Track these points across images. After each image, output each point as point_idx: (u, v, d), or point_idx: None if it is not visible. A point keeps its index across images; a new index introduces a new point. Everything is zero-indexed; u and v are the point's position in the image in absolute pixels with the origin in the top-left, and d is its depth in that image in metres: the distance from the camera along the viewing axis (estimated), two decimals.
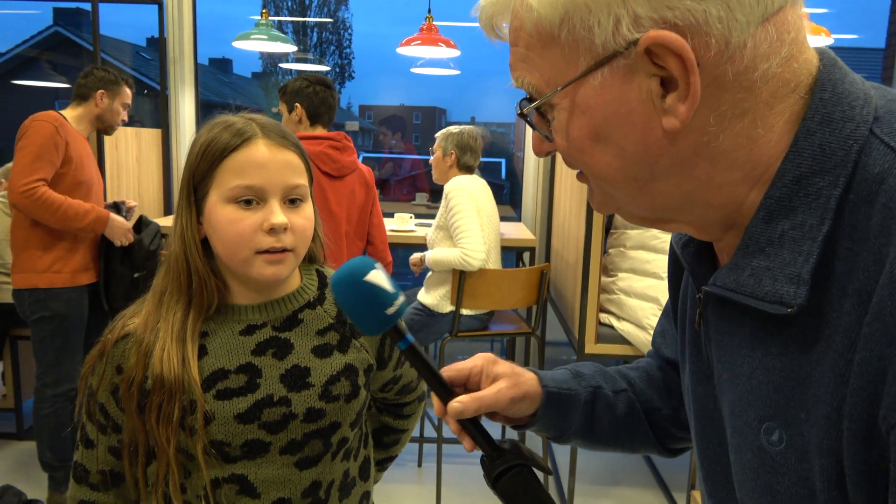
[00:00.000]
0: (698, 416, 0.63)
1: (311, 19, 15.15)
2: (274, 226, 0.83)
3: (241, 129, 0.85)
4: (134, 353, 0.86)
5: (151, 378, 0.84)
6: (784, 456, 0.49)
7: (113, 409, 0.88)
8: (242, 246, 0.84)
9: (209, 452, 0.85)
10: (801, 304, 0.46)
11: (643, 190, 0.53)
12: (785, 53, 0.48)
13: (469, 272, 2.54)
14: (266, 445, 0.87)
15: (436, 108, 21.72)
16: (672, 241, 0.66)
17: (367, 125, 17.95)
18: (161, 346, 0.84)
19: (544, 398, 0.74)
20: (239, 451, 0.86)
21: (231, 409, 0.85)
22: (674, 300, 0.72)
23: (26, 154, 2.28)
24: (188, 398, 0.84)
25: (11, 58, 12.72)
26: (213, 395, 0.85)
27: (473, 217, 2.58)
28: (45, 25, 12.53)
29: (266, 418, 0.86)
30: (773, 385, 0.49)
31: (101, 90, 2.49)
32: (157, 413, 0.83)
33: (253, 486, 0.87)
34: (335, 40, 16.76)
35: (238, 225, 0.83)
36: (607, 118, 0.50)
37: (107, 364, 0.88)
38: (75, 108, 2.49)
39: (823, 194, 0.47)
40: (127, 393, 0.85)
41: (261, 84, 17.36)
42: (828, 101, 0.48)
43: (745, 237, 0.50)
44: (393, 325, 0.68)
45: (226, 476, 0.87)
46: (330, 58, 16.49)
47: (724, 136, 0.49)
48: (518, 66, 0.53)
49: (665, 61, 0.46)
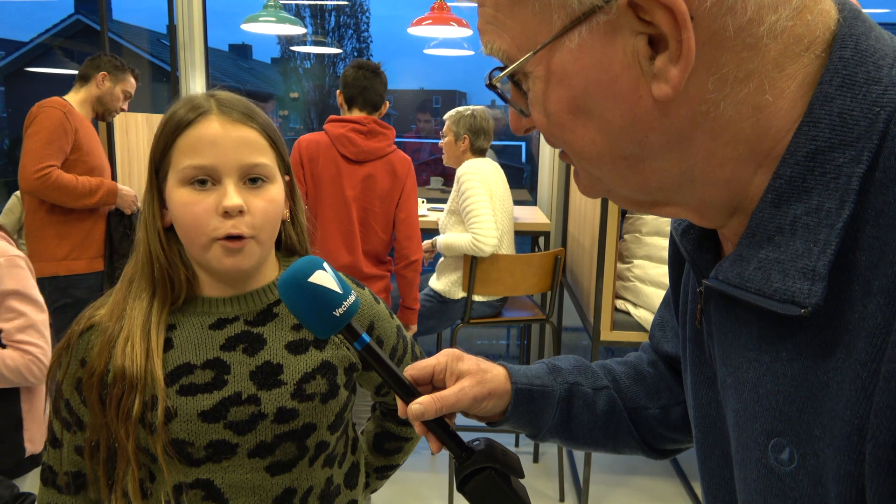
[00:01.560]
0: (699, 422, 0.56)
1: (328, 2, 15.07)
2: (227, 208, 0.77)
3: (197, 105, 0.79)
4: (98, 344, 0.81)
5: (113, 369, 0.79)
6: (795, 478, 0.42)
7: (77, 404, 0.84)
8: (199, 232, 0.78)
9: (170, 452, 0.79)
10: (817, 304, 0.39)
11: (633, 169, 0.45)
12: (796, 3, 0.40)
13: (481, 258, 2.48)
14: (232, 447, 0.81)
15: (456, 92, 21.52)
16: (671, 228, 0.58)
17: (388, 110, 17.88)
18: (125, 336, 0.80)
19: (513, 396, 0.69)
20: (203, 452, 0.81)
21: (195, 405, 0.80)
22: (674, 290, 0.65)
23: (37, 140, 2.27)
24: (150, 392, 0.79)
25: (34, 47, 12.85)
26: (176, 389, 0.80)
27: (486, 201, 2.50)
28: (67, 14, 12.63)
29: (233, 417, 0.81)
30: (783, 395, 0.42)
31: (104, 72, 2.48)
32: (116, 406, 0.78)
33: (220, 492, 0.82)
34: (353, 24, 16.65)
35: (192, 208, 0.77)
36: (588, 87, 0.43)
37: (72, 357, 0.83)
38: (77, 91, 2.48)
39: (844, 172, 0.39)
40: (88, 383, 0.81)
41: (279, 69, 17.34)
42: (849, 60, 0.40)
43: (752, 224, 0.43)
44: (345, 327, 0.64)
45: (190, 481, 0.81)
46: (348, 42, 16.42)
47: (725, 104, 0.41)
48: (487, 29, 0.46)
49: (652, 15, 0.39)
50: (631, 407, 0.74)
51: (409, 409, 0.63)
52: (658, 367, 0.76)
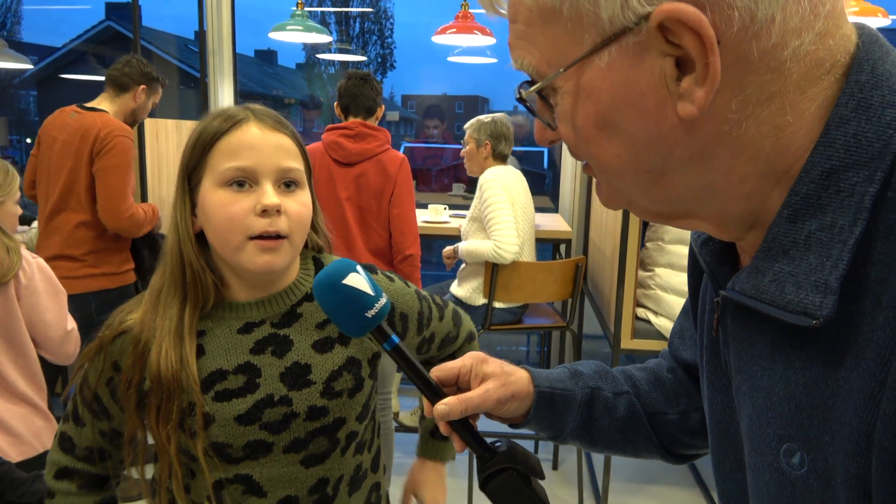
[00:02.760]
0: (714, 428, 0.58)
1: (353, 9, 15.21)
2: (266, 206, 0.80)
3: (233, 114, 0.84)
4: (131, 353, 0.84)
5: (149, 378, 0.83)
6: (805, 481, 0.44)
7: (107, 399, 0.88)
8: (234, 230, 0.81)
9: (210, 454, 0.83)
10: (828, 316, 0.40)
11: (657, 183, 0.47)
12: (819, 28, 0.42)
13: (502, 265, 2.49)
14: (269, 446, 0.85)
15: (478, 98, 21.57)
16: (691, 239, 0.60)
17: (409, 115, 17.96)
18: (158, 344, 0.83)
19: (536, 398, 0.71)
20: (241, 452, 0.84)
21: (231, 410, 0.83)
22: (693, 300, 0.67)
23: (120, 177, 2.29)
24: (187, 399, 0.82)
25: (65, 53, 13.14)
26: (211, 396, 0.84)
27: (507, 209, 2.53)
28: (98, 20, 12.91)
29: (267, 419, 0.84)
30: (794, 402, 0.44)
31: (144, 86, 2.46)
32: (155, 413, 0.82)
33: (259, 486, 0.86)
34: (377, 30, 16.79)
35: (229, 208, 0.81)
36: (615, 104, 0.44)
37: (105, 359, 0.87)
38: (113, 100, 2.45)
39: (857, 191, 0.41)
40: (126, 394, 0.84)
41: (304, 74, 17.54)
42: (865, 84, 0.42)
43: (768, 238, 0.45)
44: (376, 327, 0.67)
45: (230, 477, 0.85)
46: (372, 48, 16.55)
47: (747, 123, 0.43)
48: (517, 44, 0.48)
49: (680, 38, 0.41)
50: (650, 412, 0.75)
51: (434, 409, 0.65)
52: (677, 374, 0.77)
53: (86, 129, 2.30)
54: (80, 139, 2.30)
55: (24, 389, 1.55)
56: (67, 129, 2.34)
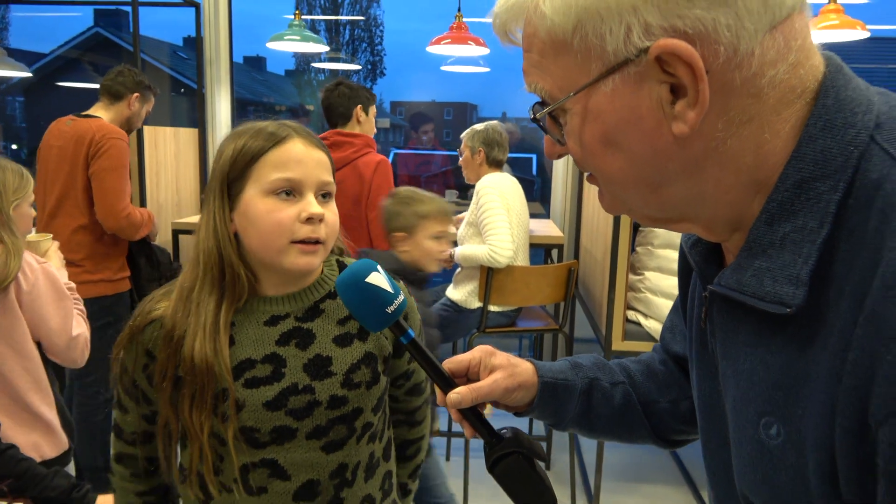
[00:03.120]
0: (703, 410, 0.64)
1: (343, 17, 15.26)
2: (312, 215, 0.89)
3: (277, 130, 0.92)
4: (164, 345, 0.91)
5: (183, 368, 0.89)
6: (781, 450, 0.50)
7: (144, 385, 0.95)
8: (280, 235, 0.89)
9: (239, 438, 0.90)
10: (800, 305, 0.47)
11: (654, 192, 0.54)
12: (792, 60, 0.49)
13: (497, 269, 2.56)
14: (293, 431, 0.92)
15: (467, 104, 21.68)
16: (682, 241, 0.67)
17: (398, 121, 18.04)
18: (193, 336, 0.89)
19: (540, 388, 0.77)
20: (268, 436, 0.91)
21: (259, 397, 0.90)
22: (683, 298, 0.74)
23: (116, 178, 2.33)
24: (220, 386, 0.89)
25: (54, 59, 13.08)
26: (241, 383, 0.90)
27: (503, 215, 2.60)
28: (86, 27, 12.87)
29: (292, 406, 0.91)
30: (772, 381, 0.51)
31: (137, 94, 2.51)
32: (190, 401, 0.88)
33: (283, 470, 0.92)
34: (367, 37, 16.85)
35: (276, 214, 0.89)
36: (618, 124, 0.51)
37: (138, 348, 0.93)
38: (108, 109, 2.49)
39: (824, 199, 0.48)
40: (161, 385, 0.91)
41: (294, 82, 17.57)
42: (830, 107, 0.49)
43: (749, 239, 0.52)
44: (394, 322, 0.73)
45: (256, 461, 0.92)
46: (361, 55, 16.61)
47: (731, 140, 0.50)
48: (531, 71, 0.55)
49: (674, 69, 0.48)
50: (644, 401, 0.82)
51: (447, 397, 0.71)
52: (668, 366, 0.84)
53: (81, 133, 2.34)
54: (76, 144, 2.34)
55: (25, 394, 1.57)
56: (64, 136, 2.39)
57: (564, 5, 0.49)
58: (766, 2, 0.46)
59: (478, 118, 21.14)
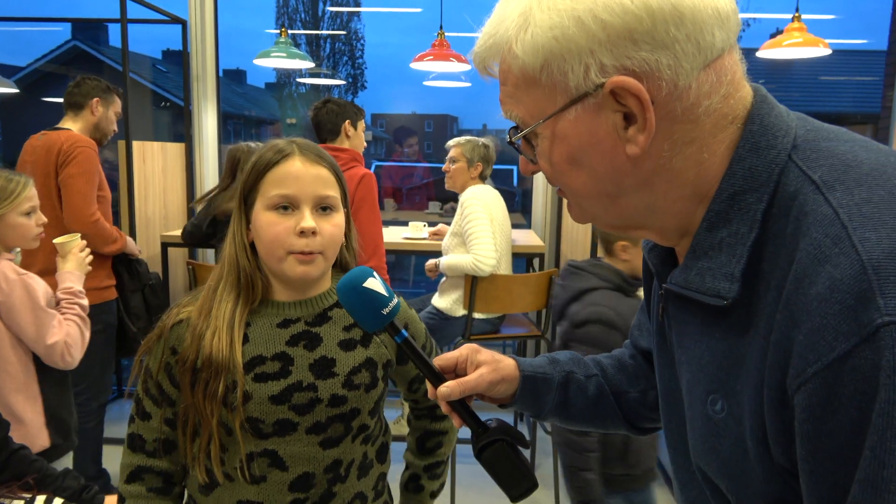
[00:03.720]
0: (664, 395, 0.73)
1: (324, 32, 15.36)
2: (303, 229, 0.96)
3: (282, 148, 1.01)
4: (189, 336, 1.00)
5: (202, 358, 0.98)
6: (725, 422, 0.59)
7: (167, 385, 1.02)
8: (279, 246, 0.98)
9: (245, 427, 0.98)
10: (735, 298, 0.57)
11: (614, 204, 0.63)
12: (723, 92, 0.58)
13: (481, 277, 2.65)
14: (294, 425, 0.99)
15: (447, 116, 21.84)
16: (642, 247, 0.77)
17: (379, 134, 18.12)
18: (212, 330, 0.98)
19: (521, 381, 0.85)
20: (271, 428, 0.99)
21: (266, 391, 0.98)
22: (647, 297, 0.83)
23: (83, 182, 2.35)
24: (231, 378, 0.97)
25: (31, 72, 12.97)
26: (251, 377, 0.98)
27: (486, 225, 2.70)
28: (64, 40, 12.78)
29: (295, 401, 0.99)
30: (717, 364, 0.60)
31: (96, 98, 2.52)
32: (204, 388, 0.97)
33: (282, 461, 1.00)
34: (348, 51, 16.96)
35: (274, 227, 0.97)
36: (581, 146, 0.60)
37: (164, 345, 1.01)
38: (75, 121, 2.52)
39: (752, 208, 0.57)
40: (181, 369, 0.99)
41: (275, 95, 17.59)
42: (756, 131, 0.59)
43: (693, 243, 0.61)
44: (389, 323, 0.82)
45: (259, 451, 1.00)
46: (343, 68, 16.70)
47: (676, 159, 0.59)
48: (507, 101, 0.64)
49: (626, 100, 0.57)
50: (616, 391, 0.91)
51: (438, 391, 0.80)
52: (637, 360, 0.93)
53: (50, 145, 2.39)
54: (46, 154, 2.39)
55: (7, 395, 1.63)
56: (36, 150, 2.43)
57: (533, 47, 0.58)
58: (699, 45, 0.56)
59: (458, 130, 21.29)
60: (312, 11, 16.41)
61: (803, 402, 0.49)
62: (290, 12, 15.95)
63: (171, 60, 12.85)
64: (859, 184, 0.52)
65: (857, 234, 0.48)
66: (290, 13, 16.03)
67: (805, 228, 0.52)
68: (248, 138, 11.98)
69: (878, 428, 0.45)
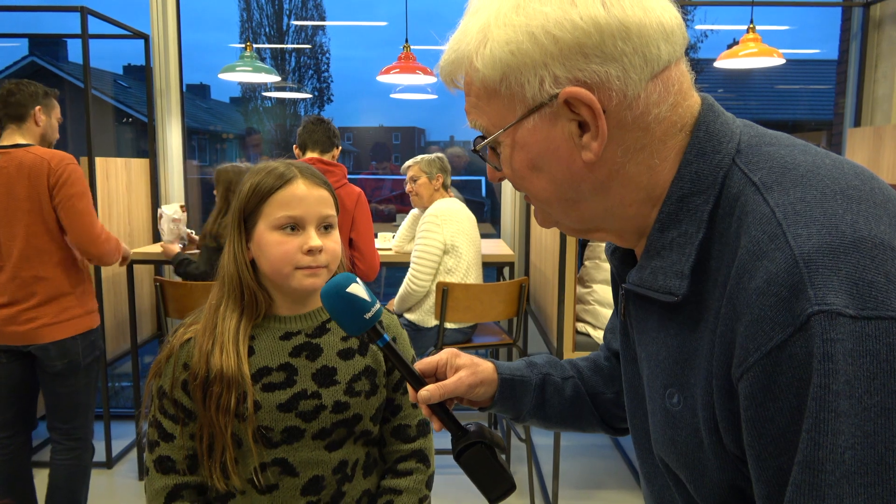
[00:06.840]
0: (628, 391, 0.76)
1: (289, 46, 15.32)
2: (312, 248, 1.05)
3: (284, 172, 1.06)
4: (197, 353, 1.04)
5: (212, 373, 1.02)
6: (682, 414, 0.62)
7: (186, 401, 1.05)
8: (287, 263, 1.04)
9: (256, 437, 1.02)
10: (684, 294, 0.59)
11: (573, 207, 0.66)
12: (671, 101, 0.62)
13: (452, 287, 2.67)
14: (301, 432, 1.05)
15: (415, 129, 21.86)
16: (604, 250, 0.80)
17: (346, 147, 18.09)
18: (220, 346, 1.03)
19: (499, 384, 0.88)
20: (279, 436, 1.04)
21: (274, 399, 1.04)
22: (615, 300, 0.86)
23: (86, 203, 2.24)
24: (241, 389, 1.02)
25: None
26: (259, 387, 1.04)
27: (432, 250, 2.78)
28: (21, 55, 12.52)
29: (302, 409, 1.05)
30: (672, 359, 0.63)
31: (38, 106, 2.30)
32: (216, 402, 1.01)
33: (293, 467, 1.05)
34: (313, 65, 16.92)
35: (283, 247, 1.05)
36: (540, 153, 0.63)
37: (175, 363, 1.05)
38: (23, 134, 2.27)
39: (699, 210, 0.60)
40: (194, 385, 1.03)
41: (240, 109, 17.43)
42: (702, 138, 0.62)
43: (647, 244, 0.64)
44: (371, 327, 0.84)
45: (269, 461, 1.04)
46: (308, 82, 16.66)
47: (629, 165, 0.62)
48: (471, 111, 0.67)
49: (579, 109, 0.60)
50: (592, 392, 0.93)
51: (418, 394, 0.81)
52: (611, 361, 0.96)
53: (30, 167, 2.16)
54: (29, 178, 2.16)
55: None
56: (3, 172, 2.18)
57: (492, 61, 0.61)
58: (645, 58, 0.59)
59: (426, 142, 21.38)
60: (277, 26, 16.33)
61: (746, 390, 0.52)
62: (254, 27, 15.86)
63: (133, 76, 12.64)
64: (795, 184, 0.55)
65: (791, 230, 0.51)
66: (255, 27, 15.93)
67: (746, 227, 0.55)
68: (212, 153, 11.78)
69: (812, 412, 0.47)
